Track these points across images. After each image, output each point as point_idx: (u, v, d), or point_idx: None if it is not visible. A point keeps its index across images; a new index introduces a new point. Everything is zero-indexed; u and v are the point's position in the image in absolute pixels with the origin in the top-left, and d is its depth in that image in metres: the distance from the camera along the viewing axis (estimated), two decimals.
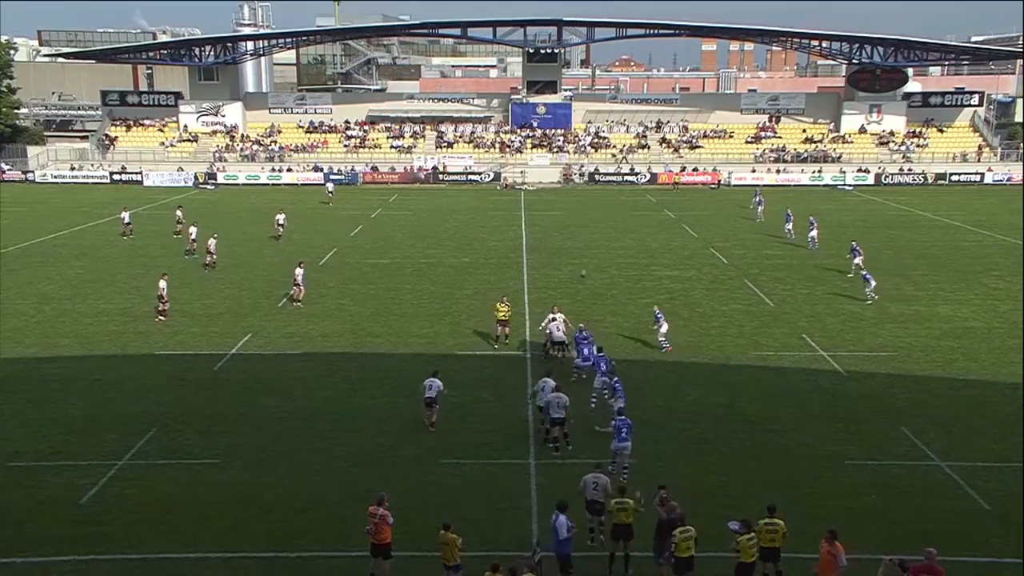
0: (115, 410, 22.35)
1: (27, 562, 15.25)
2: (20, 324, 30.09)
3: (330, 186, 65.19)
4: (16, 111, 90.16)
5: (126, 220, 48.24)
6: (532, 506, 17.37)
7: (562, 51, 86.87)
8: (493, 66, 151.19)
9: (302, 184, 73.70)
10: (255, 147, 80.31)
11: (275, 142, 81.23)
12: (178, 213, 49.08)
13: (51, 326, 30.11)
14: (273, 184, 73.96)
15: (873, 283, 32.90)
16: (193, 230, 43.30)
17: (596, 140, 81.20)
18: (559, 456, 19.46)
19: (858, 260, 36.21)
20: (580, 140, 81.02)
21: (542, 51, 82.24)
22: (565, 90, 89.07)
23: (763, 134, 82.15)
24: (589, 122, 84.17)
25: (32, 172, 76.77)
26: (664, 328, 26.84)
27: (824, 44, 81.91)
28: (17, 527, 16.56)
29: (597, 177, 75.27)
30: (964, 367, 25.64)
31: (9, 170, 77.04)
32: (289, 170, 75.99)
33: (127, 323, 30.68)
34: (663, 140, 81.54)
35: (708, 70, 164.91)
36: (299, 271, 33.12)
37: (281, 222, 47.37)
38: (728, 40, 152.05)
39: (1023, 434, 20.31)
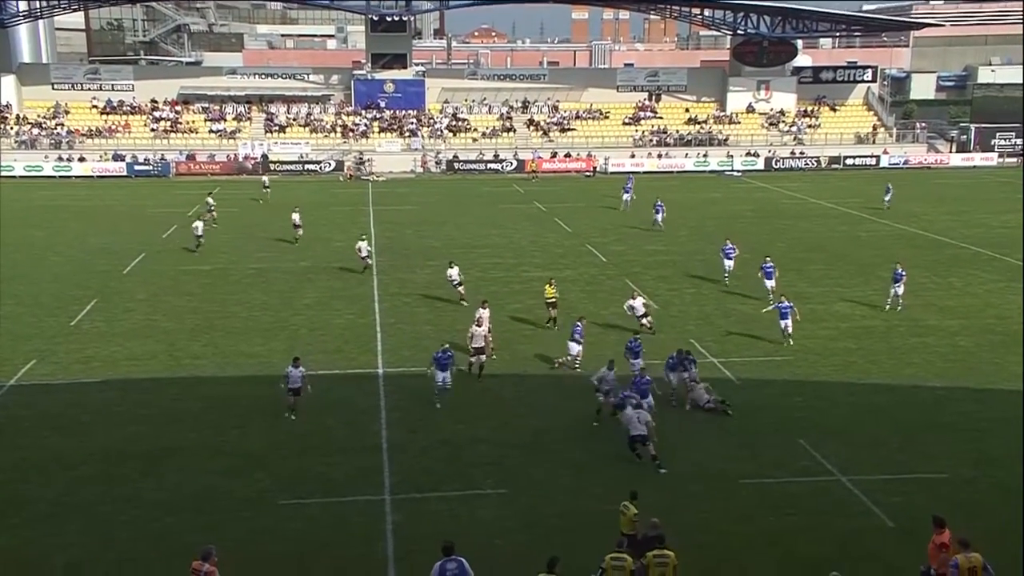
0: None
1: None
2: None
3: (266, 179, 62.69)
4: None
5: None
6: (388, 549, 17.22)
7: (412, 19, 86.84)
8: (331, 36, 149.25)
9: (99, 176, 70.71)
10: (35, 131, 76.29)
11: (62, 125, 77.45)
12: None
13: None
14: (62, 176, 70.71)
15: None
16: None
17: (454, 123, 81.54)
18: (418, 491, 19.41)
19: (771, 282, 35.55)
20: (436, 122, 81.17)
21: (388, 18, 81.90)
22: (417, 64, 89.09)
23: (642, 114, 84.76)
24: (446, 102, 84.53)
25: None
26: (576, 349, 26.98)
27: (706, 12, 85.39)
28: None
29: (456, 165, 75.67)
30: (863, 370, 27.21)
31: None
32: (82, 159, 72.71)
33: None
34: (530, 122, 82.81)
35: (580, 42, 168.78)
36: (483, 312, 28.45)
37: (297, 222, 46.09)
38: (601, 7, 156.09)
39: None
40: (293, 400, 23.05)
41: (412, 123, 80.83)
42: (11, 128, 76.53)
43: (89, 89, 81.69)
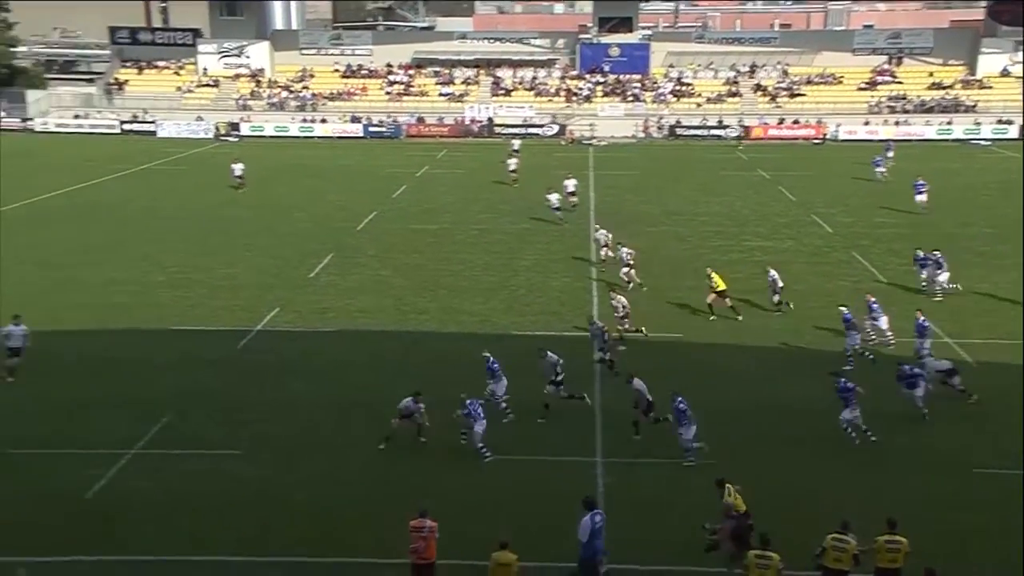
0: (125, 393, 22.97)
1: (27, 561, 15.77)
2: (21, 294, 30.93)
3: (516, 143, 59.92)
4: (13, 49, 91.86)
5: (237, 173, 50.48)
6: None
7: None
8: (559, 0, 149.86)
9: (338, 137, 74.28)
10: (284, 94, 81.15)
11: (307, 88, 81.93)
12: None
13: (55, 296, 30.99)
14: (304, 137, 74.73)
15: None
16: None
17: (678, 87, 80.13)
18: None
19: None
20: (659, 87, 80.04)
21: None
22: (643, 28, 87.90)
23: (880, 79, 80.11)
24: (670, 66, 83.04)
25: (32, 120, 78.75)
26: (884, 321, 26.01)
27: None
28: (16, 521, 17.16)
29: (679, 131, 74.47)
30: None
31: (6, 117, 79.08)
32: (323, 121, 76.69)
33: (139, 294, 31.49)
34: (757, 87, 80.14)
35: (815, 3, 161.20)
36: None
37: (571, 189, 44.32)
38: None
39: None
40: (398, 424, 20.23)
41: (635, 88, 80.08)
42: (263, 91, 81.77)
43: (332, 54, 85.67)
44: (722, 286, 28.32)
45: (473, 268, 34.81)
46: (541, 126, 75.57)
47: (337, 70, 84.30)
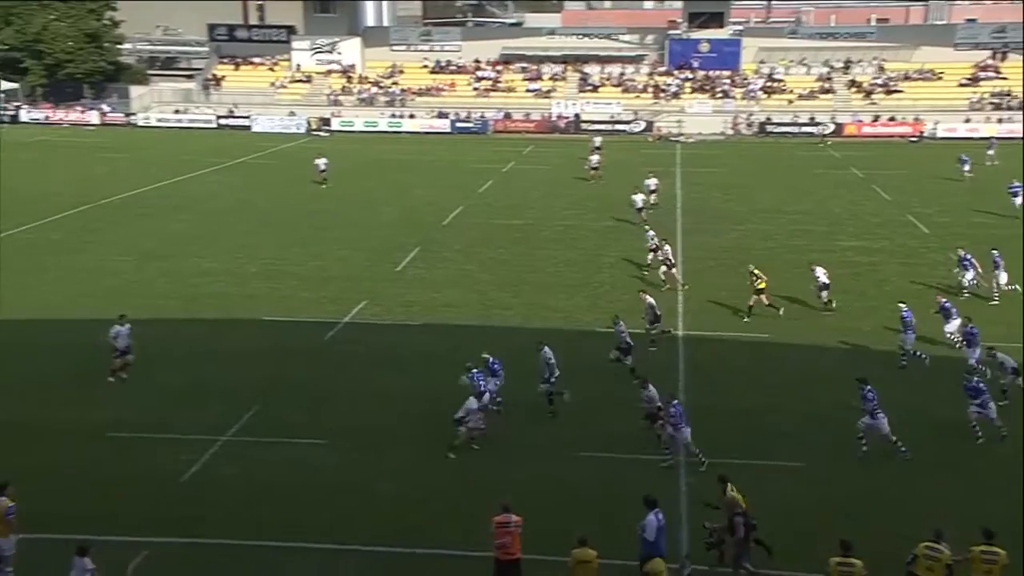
0: (218, 380, 23.67)
1: (123, 541, 16.34)
2: (120, 283, 32.19)
3: (598, 140, 59.21)
4: (119, 47, 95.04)
5: (321, 167, 50.89)
6: (681, 510, 17.29)
7: None
8: None
9: (426, 132, 74.95)
10: (374, 89, 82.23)
11: (396, 84, 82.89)
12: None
13: (152, 286, 32.07)
14: (393, 132, 75.55)
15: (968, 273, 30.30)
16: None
17: (769, 84, 78.81)
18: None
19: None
20: (750, 83, 78.84)
21: None
22: (733, 24, 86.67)
23: (982, 75, 77.56)
24: (761, 62, 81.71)
25: (135, 115, 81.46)
26: (955, 324, 25.36)
27: None
28: (113, 503, 17.83)
29: (769, 128, 73.25)
30: None
31: (110, 112, 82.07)
32: (411, 116, 77.49)
33: (232, 285, 32.36)
34: (852, 83, 78.36)
35: None
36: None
37: (652, 187, 43.89)
38: None
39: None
40: (466, 431, 19.93)
41: (725, 84, 79.02)
42: (354, 87, 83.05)
43: (421, 50, 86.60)
44: (763, 284, 27.93)
45: (557, 264, 34.87)
46: (628, 122, 75.15)
47: (426, 66, 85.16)
